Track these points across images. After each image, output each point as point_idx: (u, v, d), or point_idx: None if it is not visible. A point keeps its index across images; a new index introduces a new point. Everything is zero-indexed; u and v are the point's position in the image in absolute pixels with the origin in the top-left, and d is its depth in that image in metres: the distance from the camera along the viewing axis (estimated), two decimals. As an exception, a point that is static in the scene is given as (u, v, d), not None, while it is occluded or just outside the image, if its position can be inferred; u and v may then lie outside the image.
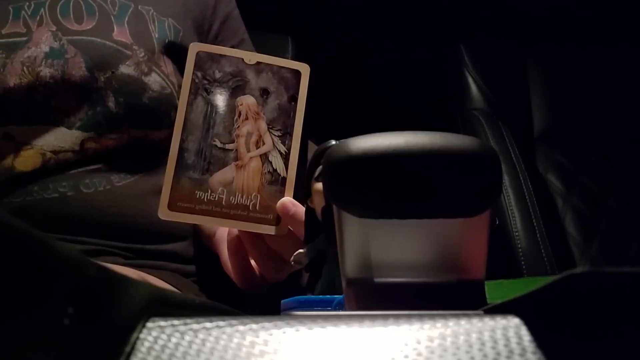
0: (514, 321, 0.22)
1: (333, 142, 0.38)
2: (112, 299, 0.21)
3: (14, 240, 0.18)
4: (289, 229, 0.57)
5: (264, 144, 0.59)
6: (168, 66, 0.76)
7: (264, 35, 1.05)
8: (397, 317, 0.22)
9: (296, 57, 1.04)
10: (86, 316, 0.19)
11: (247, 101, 0.60)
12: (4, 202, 0.68)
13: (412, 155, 0.29)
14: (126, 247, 0.71)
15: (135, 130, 0.73)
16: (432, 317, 0.22)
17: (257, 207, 0.57)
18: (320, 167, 0.40)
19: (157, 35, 0.77)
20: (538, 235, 1.06)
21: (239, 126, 0.59)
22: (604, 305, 0.22)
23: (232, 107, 0.59)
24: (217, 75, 0.59)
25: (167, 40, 0.77)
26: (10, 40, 0.71)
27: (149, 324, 0.22)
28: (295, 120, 0.60)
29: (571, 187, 1.21)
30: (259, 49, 0.87)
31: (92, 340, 0.20)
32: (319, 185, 0.43)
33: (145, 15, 0.77)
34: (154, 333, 0.21)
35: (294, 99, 0.60)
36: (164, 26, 0.78)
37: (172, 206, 0.56)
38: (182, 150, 0.57)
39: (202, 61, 0.59)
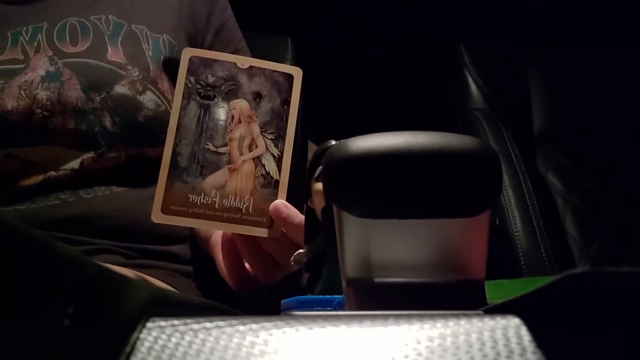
0: (514, 321, 0.22)
1: (333, 142, 0.38)
2: (112, 299, 0.21)
3: (15, 240, 0.18)
4: (282, 231, 0.57)
5: (256, 147, 0.59)
6: (164, 83, 0.77)
7: (264, 35, 1.05)
8: (397, 317, 0.22)
9: (296, 58, 1.04)
10: (86, 316, 0.19)
11: (240, 105, 0.60)
12: (9, 210, 0.70)
13: (412, 155, 0.29)
14: (127, 247, 0.72)
15: (133, 148, 0.74)
16: (432, 317, 0.22)
17: (250, 210, 0.57)
18: (320, 167, 0.40)
19: (151, 54, 0.77)
20: (538, 235, 1.05)
21: (232, 130, 0.59)
22: (604, 305, 0.22)
23: (225, 111, 0.59)
24: (210, 79, 0.60)
25: (162, 57, 0.77)
26: (9, 67, 0.72)
27: (149, 324, 0.22)
28: (288, 124, 0.60)
29: (571, 187, 1.21)
30: (259, 50, 0.87)
31: (92, 340, 0.20)
32: (319, 185, 0.43)
33: (138, 35, 0.77)
34: (154, 333, 0.21)
35: (286, 102, 0.61)
36: (159, 43, 0.78)
37: (165, 210, 0.56)
38: (175, 154, 0.57)
39: (195, 66, 0.60)
